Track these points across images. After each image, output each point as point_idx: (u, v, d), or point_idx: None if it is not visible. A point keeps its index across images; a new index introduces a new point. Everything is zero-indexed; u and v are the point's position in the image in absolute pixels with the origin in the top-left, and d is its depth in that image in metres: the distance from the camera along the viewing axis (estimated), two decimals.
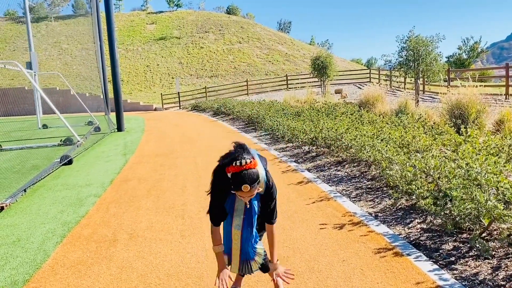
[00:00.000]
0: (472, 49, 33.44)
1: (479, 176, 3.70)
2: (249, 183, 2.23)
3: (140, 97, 34.70)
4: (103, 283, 3.24)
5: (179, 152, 9.57)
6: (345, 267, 3.25)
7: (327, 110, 11.20)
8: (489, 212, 3.33)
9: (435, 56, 13.55)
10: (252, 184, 2.23)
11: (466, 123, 7.60)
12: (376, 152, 5.59)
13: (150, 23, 48.83)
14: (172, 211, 5.01)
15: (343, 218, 4.39)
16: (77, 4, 53.41)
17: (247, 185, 2.22)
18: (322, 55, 22.70)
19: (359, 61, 57.35)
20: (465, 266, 3.21)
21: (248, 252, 2.58)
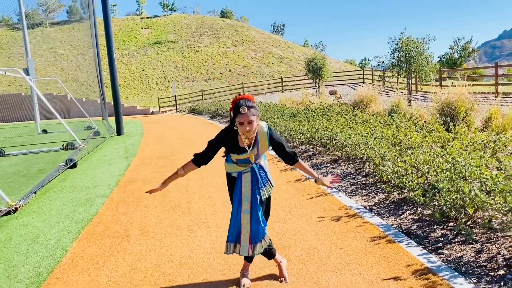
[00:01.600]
0: (464, 49, 33.95)
1: (463, 169, 4.02)
2: (246, 104, 2.72)
3: (137, 101, 34.95)
4: (120, 272, 3.53)
5: (179, 153, 9.86)
6: (342, 254, 3.57)
7: (322, 111, 11.53)
8: (473, 202, 3.65)
9: (427, 56, 13.93)
10: (248, 106, 2.72)
11: (456, 121, 7.94)
12: (369, 149, 5.91)
13: (145, 28, 49.08)
14: (179, 209, 5.30)
15: (339, 211, 4.71)
16: (71, 10, 53.57)
17: (244, 106, 2.71)
18: (316, 57, 23.07)
19: (352, 62, 57.83)
20: (451, 250, 3.53)
21: (258, 233, 2.92)
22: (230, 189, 3.13)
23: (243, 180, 2.96)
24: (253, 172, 2.97)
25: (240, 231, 2.96)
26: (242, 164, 2.96)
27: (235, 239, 3.00)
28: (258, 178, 2.96)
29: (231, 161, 2.99)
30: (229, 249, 3.02)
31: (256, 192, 2.96)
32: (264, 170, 3.02)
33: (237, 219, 2.98)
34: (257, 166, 2.98)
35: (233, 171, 3.02)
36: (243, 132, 2.78)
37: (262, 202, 3.02)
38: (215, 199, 5.59)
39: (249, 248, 2.95)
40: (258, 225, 2.95)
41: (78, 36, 41.97)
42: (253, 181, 2.96)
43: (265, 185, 3.00)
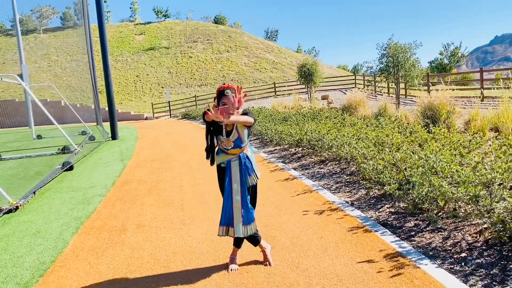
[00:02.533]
0: (453, 54, 34.60)
1: (435, 165, 4.38)
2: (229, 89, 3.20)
3: (131, 106, 35.18)
4: (118, 261, 3.84)
5: (173, 157, 10.15)
6: (323, 242, 3.89)
7: (312, 115, 11.89)
8: (443, 194, 4.00)
9: (413, 62, 14.35)
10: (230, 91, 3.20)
11: (437, 123, 8.32)
12: (353, 149, 6.26)
13: (139, 34, 49.40)
14: (172, 206, 5.61)
15: (323, 206, 5.04)
16: (65, 16, 53.80)
17: (228, 90, 3.19)
18: (308, 62, 23.48)
19: (345, 68, 58.46)
20: (422, 238, 3.87)
21: (248, 216, 3.30)
22: (220, 179, 3.47)
23: (232, 168, 3.31)
24: (240, 161, 3.31)
25: (232, 216, 3.31)
26: (231, 150, 3.31)
27: (227, 222, 3.35)
28: (243, 168, 3.30)
29: (221, 152, 3.34)
30: (222, 232, 3.38)
31: (243, 179, 3.29)
32: (250, 161, 3.36)
33: (228, 204, 3.33)
34: (244, 155, 3.32)
35: (222, 161, 3.36)
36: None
37: (249, 189, 3.36)
38: (207, 197, 5.90)
39: (242, 229, 3.29)
40: (248, 208, 3.32)
41: (72, 42, 42.20)
42: (241, 169, 3.31)
43: (251, 174, 3.34)
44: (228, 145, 3.30)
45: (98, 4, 15.38)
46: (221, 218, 3.40)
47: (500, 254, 3.34)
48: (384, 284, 3.02)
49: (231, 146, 3.31)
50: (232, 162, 3.33)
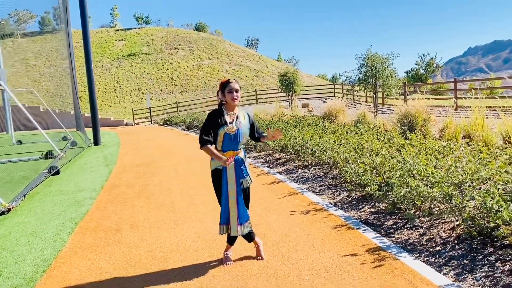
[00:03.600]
0: (428, 64, 35.74)
1: (412, 168, 4.74)
2: (234, 81, 3.56)
3: (111, 112, 34.97)
4: (117, 257, 4.04)
5: (158, 162, 10.32)
6: (310, 238, 4.19)
7: (294, 122, 12.25)
8: (419, 194, 4.36)
9: (391, 72, 14.92)
10: (236, 82, 3.57)
11: (414, 130, 8.77)
12: (335, 154, 6.61)
13: (119, 40, 49.17)
14: (163, 207, 5.82)
15: (308, 206, 5.34)
16: (44, 21, 53.10)
17: (232, 80, 3.55)
18: (289, 71, 23.95)
19: (324, 77, 59.41)
20: (400, 234, 4.21)
21: (243, 216, 3.55)
22: (216, 183, 3.68)
23: (228, 170, 3.55)
24: (237, 164, 3.57)
25: (229, 215, 3.55)
26: (227, 152, 3.56)
27: (226, 221, 3.60)
28: (238, 170, 3.58)
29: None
30: (222, 230, 3.63)
31: (238, 181, 3.56)
32: (245, 165, 3.63)
33: (226, 204, 3.58)
34: (238, 158, 3.59)
35: (219, 165, 3.59)
36: (232, 99, 3.52)
37: (243, 191, 3.63)
38: (196, 200, 6.13)
39: (237, 228, 3.55)
40: (243, 209, 3.58)
41: (51, 48, 41.76)
42: (236, 171, 3.57)
43: (245, 176, 3.62)
44: (231, 131, 3.53)
45: (82, 11, 15.45)
46: (220, 218, 3.63)
47: (470, 247, 3.69)
48: (367, 274, 3.33)
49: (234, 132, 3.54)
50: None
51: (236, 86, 3.54)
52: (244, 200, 3.69)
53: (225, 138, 3.54)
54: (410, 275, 3.28)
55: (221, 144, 3.57)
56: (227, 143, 3.56)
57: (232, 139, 3.55)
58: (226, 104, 3.63)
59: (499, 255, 3.47)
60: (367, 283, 3.17)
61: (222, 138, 3.54)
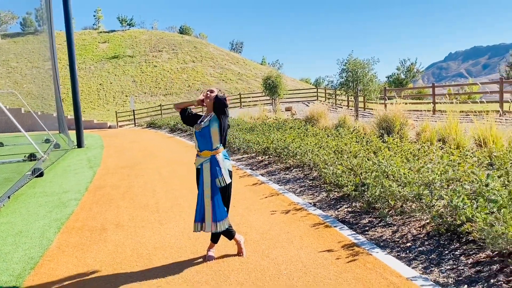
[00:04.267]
0: (409, 69, 36.50)
1: (386, 169, 5.00)
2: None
3: (94, 115, 34.75)
4: (103, 255, 4.18)
5: (142, 164, 10.42)
6: (289, 236, 4.40)
7: (277, 125, 12.49)
8: (393, 194, 4.61)
9: (371, 77, 15.30)
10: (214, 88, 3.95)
11: (391, 134, 9.08)
12: (315, 156, 6.84)
13: (102, 42, 48.87)
14: (148, 208, 5.96)
15: (288, 206, 5.56)
16: (25, 22, 52.41)
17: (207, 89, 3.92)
18: (272, 75, 24.23)
19: (308, 81, 59.97)
20: (374, 232, 4.45)
21: (218, 213, 3.71)
22: (197, 179, 3.90)
23: (204, 170, 3.75)
24: (211, 164, 3.74)
25: (204, 212, 3.72)
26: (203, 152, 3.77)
27: (200, 219, 3.76)
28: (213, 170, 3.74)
29: (196, 155, 3.83)
30: (197, 228, 3.77)
31: (214, 180, 3.74)
32: (220, 166, 3.76)
33: (201, 202, 3.75)
34: (214, 158, 3.75)
35: (197, 164, 3.82)
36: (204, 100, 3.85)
37: (221, 190, 3.78)
38: (180, 201, 6.29)
39: (212, 225, 3.71)
40: (218, 207, 3.72)
41: (33, 49, 41.29)
42: (211, 171, 3.74)
43: (218, 176, 3.75)
44: (198, 129, 3.78)
45: (66, 13, 15.45)
46: (195, 215, 3.79)
47: (438, 243, 3.95)
48: (342, 268, 3.55)
49: (200, 130, 3.77)
50: (204, 165, 3.76)
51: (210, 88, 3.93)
52: (224, 200, 3.82)
53: (196, 136, 3.81)
54: (381, 268, 3.51)
55: (197, 143, 3.82)
56: (200, 142, 3.79)
57: (202, 137, 3.76)
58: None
59: (464, 249, 3.73)
60: (341, 276, 3.39)
61: (195, 137, 3.83)
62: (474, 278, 3.23)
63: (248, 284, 3.34)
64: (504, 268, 3.27)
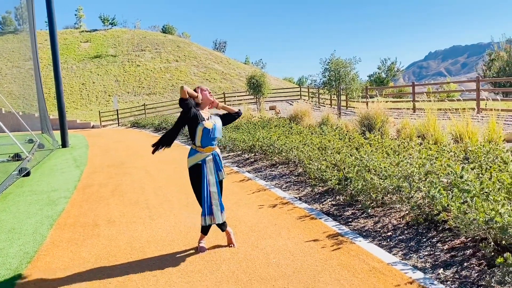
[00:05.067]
0: (390, 69, 37.17)
1: (368, 163, 5.25)
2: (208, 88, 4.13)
3: (77, 115, 34.42)
4: (98, 249, 4.32)
5: (129, 163, 10.51)
6: (276, 228, 4.61)
7: (262, 124, 12.70)
8: (374, 186, 4.86)
9: (353, 76, 15.64)
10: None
11: (373, 131, 9.38)
12: (300, 152, 7.07)
13: (84, 41, 48.34)
14: (138, 205, 6.10)
15: (275, 201, 5.77)
16: (5, 21, 51.39)
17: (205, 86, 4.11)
18: (256, 74, 24.45)
19: (291, 80, 60.42)
20: (357, 223, 4.69)
21: (222, 205, 3.96)
22: (196, 178, 3.99)
23: (207, 164, 3.93)
24: (214, 158, 3.97)
25: (212, 205, 3.90)
26: (206, 148, 3.92)
27: (209, 212, 3.92)
28: (216, 164, 3.98)
29: (195, 152, 3.95)
30: (206, 221, 3.92)
31: (216, 174, 3.96)
32: (220, 159, 4.04)
33: (208, 195, 3.90)
34: (216, 153, 3.98)
35: (198, 160, 3.94)
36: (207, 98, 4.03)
37: (219, 183, 4.02)
38: (170, 197, 6.44)
39: (221, 216, 3.92)
40: (221, 198, 3.97)
41: (13, 48, 40.58)
42: (215, 164, 3.98)
43: (221, 169, 4.04)
44: (209, 126, 3.90)
45: (49, 11, 15.37)
46: (203, 210, 3.92)
47: (416, 231, 4.21)
48: (327, 255, 3.77)
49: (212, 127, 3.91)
50: (207, 159, 3.95)
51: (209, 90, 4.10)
52: (220, 192, 4.07)
53: (203, 133, 3.87)
54: (364, 255, 3.74)
55: (200, 139, 3.90)
56: (205, 138, 3.90)
57: (209, 134, 3.90)
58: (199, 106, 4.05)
59: (440, 237, 3.99)
60: (326, 263, 3.61)
61: (201, 133, 3.87)
62: (449, 262, 3.49)
63: (239, 272, 3.54)
64: (477, 252, 3.54)
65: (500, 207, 3.22)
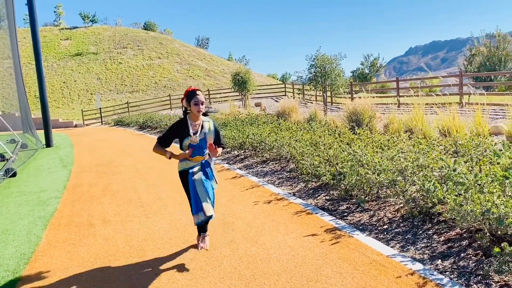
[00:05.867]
0: (372, 64, 37.58)
1: (361, 158, 5.32)
2: (200, 92, 3.79)
3: (58, 114, 33.85)
4: (96, 248, 4.29)
5: (117, 162, 10.41)
6: (274, 223, 4.65)
7: (250, 120, 12.71)
8: (368, 181, 4.93)
9: (339, 72, 15.77)
10: (202, 94, 3.80)
11: (361, 126, 9.50)
12: (292, 149, 7.12)
13: (65, 39, 47.51)
14: (131, 203, 6.06)
15: (270, 197, 5.80)
16: None
17: (199, 91, 3.78)
18: (241, 71, 24.43)
19: (274, 76, 60.51)
20: (353, 217, 4.76)
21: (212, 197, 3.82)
22: (184, 181, 3.88)
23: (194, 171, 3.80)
24: (203, 167, 3.85)
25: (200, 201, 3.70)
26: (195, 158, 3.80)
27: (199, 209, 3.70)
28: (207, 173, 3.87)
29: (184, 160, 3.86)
30: (198, 219, 3.73)
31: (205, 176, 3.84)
32: (210, 168, 3.94)
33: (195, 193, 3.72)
34: (206, 163, 3.88)
35: (186, 166, 3.83)
36: (197, 111, 3.75)
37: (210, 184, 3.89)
38: (163, 195, 6.41)
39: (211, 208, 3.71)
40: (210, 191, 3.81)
41: None
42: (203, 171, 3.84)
43: (211, 179, 3.91)
44: (195, 141, 3.76)
45: (30, 8, 15.07)
46: (192, 208, 3.75)
47: (412, 224, 4.29)
48: (327, 249, 3.82)
49: (197, 143, 3.78)
50: (195, 169, 3.81)
51: (202, 99, 3.74)
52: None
53: (190, 147, 3.79)
54: (363, 248, 3.81)
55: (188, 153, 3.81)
56: (194, 151, 3.79)
57: (197, 148, 3.78)
58: (190, 114, 3.85)
59: (436, 229, 4.09)
60: (327, 256, 3.67)
61: (187, 147, 3.80)
62: (447, 253, 3.58)
63: (241, 268, 3.56)
64: (472, 243, 3.64)
65: (496, 199, 3.31)
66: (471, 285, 3.04)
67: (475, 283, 3.05)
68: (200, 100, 3.74)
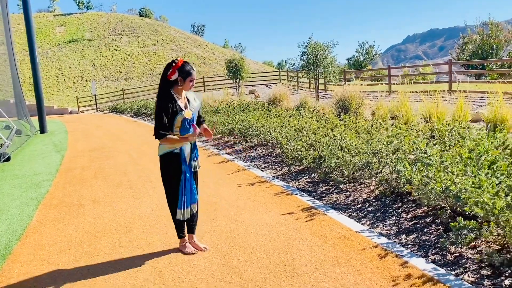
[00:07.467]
0: (368, 52, 37.63)
1: (341, 142, 5.56)
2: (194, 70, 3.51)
3: (53, 100, 33.89)
4: (84, 226, 4.53)
5: (111, 147, 10.62)
6: (255, 203, 4.89)
7: (241, 107, 12.92)
8: (346, 163, 5.17)
9: (331, 59, 15.94)
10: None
11: (348, 113, 9.72)
12: (277, 134, 7.35)
13: (59, 25, 47.25)
14: (121, 186, 6.29)
15: (254, 179, 6.05)
16: None
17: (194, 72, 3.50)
18: (235, 58, 24.52)
19: (270, 64, 60.47)
20: (330, 197, 5.01)
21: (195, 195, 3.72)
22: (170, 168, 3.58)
23: (185, 151, 3.59)
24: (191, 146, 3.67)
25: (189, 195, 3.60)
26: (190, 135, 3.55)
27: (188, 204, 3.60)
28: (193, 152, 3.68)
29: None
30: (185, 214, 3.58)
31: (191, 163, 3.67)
32: (196, 148, 3.77)
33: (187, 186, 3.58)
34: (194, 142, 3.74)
35: (175, 147, 3.54)
36: (190, 87, 3.53)
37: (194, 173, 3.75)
38: (152, 178, 6.64)
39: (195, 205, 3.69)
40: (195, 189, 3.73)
41: None
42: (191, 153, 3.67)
43: (197, 158, 3.75)
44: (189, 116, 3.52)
45: None
46: (179, 202, 3.56)
47: (384, 203, 4.55)
48: (301, 226, 4.08)
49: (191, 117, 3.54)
50: (186, 146, 3.58)
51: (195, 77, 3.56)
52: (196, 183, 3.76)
53: (183, 123, 3.49)
54: (334, 225, 4.06)
55: (179, 129, 3.50)
56: (184, 128, 3.51)
57: (188, 123, 3.51)
58: (176, 88, 3.51)
59: (405, 208, 4.34)
60: (300, 232, 3.92)
61: (180, 124, 3.48)
62: (411, 229, 3.84)
63: (219, 242, 3.81)
64: (436, 220, 3.89)
65: (455, 177, 3.56)
66: (428, 256, 3.29)
67: (433, 254, 3.31)
68: (194, 78, 3.53)
